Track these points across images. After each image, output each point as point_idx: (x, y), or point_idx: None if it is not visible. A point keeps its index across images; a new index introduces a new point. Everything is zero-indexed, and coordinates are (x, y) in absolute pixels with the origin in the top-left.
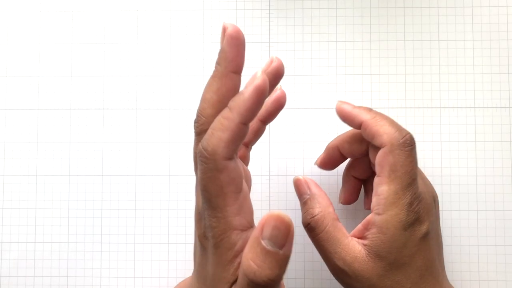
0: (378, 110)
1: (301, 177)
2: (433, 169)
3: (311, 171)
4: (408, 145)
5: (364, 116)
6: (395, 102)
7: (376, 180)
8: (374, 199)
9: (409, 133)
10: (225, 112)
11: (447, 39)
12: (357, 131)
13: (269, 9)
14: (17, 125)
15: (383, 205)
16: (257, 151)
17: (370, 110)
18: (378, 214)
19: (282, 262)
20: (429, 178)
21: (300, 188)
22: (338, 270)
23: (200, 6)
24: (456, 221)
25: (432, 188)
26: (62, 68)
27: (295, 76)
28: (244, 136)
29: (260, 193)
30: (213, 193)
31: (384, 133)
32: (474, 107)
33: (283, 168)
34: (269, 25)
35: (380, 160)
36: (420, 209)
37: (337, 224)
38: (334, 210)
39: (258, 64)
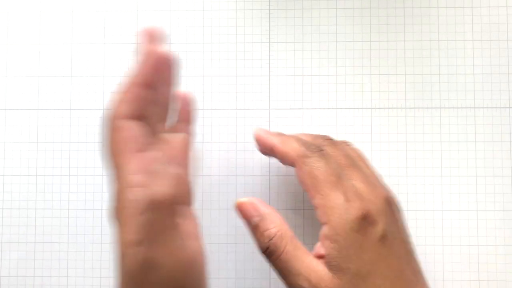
0: (377, 111)
1: (244, 200)
2: (433, 169)
3: None
4: (316, 149)
5: (274, 140)
6: (395, 102)
7: (309, 197)
8: (317, 214)
9: (317, 138)
10: (125, 79)
11: (447, 39)
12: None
13: (269, 9)
14: (17, 125)
15: (324, 214)
16: (257, 151)
17: (281, 134)
18: (324, 224)
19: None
20: (430, 179)
21: (246, 212)
22: None
23: (200, 6)
24: (456, 221)
25: (385, 191)
26: (62, 68)
27: (295, 77)
28: (141, 97)
29: (260, 193)
30: (113, 153)
31: (291, 150)
32: (474, 107)
33: (283, 168)
34: (269, 25)
35: (299, 177)
36: (364, 205)
37: (296, 242)
38: (289, 227)
39: (258, 65)
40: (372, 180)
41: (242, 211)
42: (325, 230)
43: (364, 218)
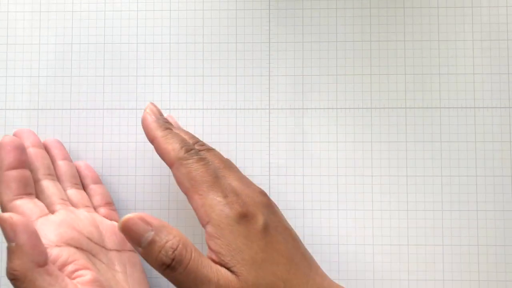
0: (377, 111)
1: (130, 215)
2: (433, 169)
3: (311, 171)
4: (194, 153)
5: (158, 134)
6: (395, 102)
7: (188, 200)
8: (198, 216)
9: (197, 142)
10: None
11: (447, 39)
12: None
13: (269, 9)
14: (17, 125)
15: (204, 213)
16: (257, 151)
17: (166, 128)
18: (206, 224)
19: (14, 253)
20: (430, 178)
21: (136, 228)
22: None
23: (200, 6)
24: (456, 221)
25: (258, 187)
26: (62, 68)
27: (295, 77)
28: (15, 179)
29: None
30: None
31: (171, 150)
32: (474, 107)
33: (283, 168)
34: (269, 25)
35: (177, 178)
36: (242, 200)
37: (197, 249)
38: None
39: (258, 65)
40: (245, 179)
41: (131, 229)
42: (208, 230)
43: (244, 211)
